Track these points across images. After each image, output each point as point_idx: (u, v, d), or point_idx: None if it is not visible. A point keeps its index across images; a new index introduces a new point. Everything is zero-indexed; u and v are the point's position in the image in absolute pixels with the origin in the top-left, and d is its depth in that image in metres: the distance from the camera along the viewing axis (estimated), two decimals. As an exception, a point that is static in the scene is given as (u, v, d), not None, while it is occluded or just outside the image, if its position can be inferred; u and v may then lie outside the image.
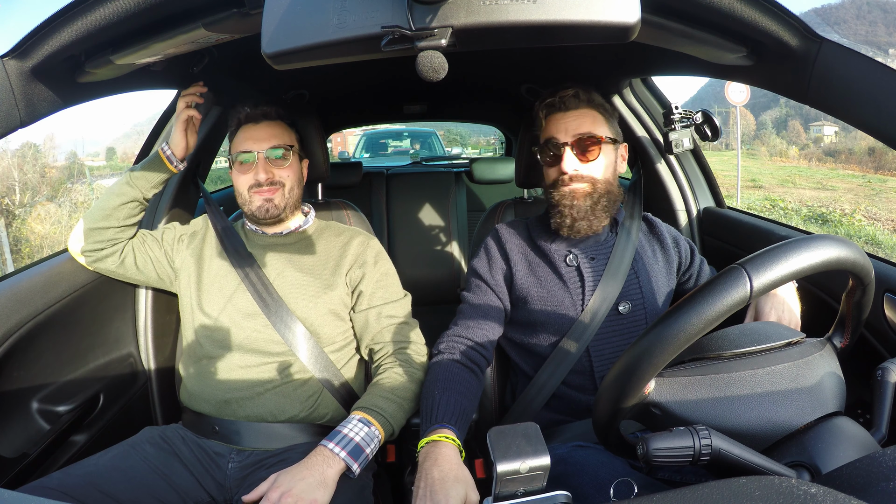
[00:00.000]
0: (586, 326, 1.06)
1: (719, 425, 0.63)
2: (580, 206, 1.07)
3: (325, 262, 1.21)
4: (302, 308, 1.14)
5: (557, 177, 1.10)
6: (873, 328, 0.99)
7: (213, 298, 1.15)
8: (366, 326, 1.18)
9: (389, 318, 1.17)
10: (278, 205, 1.18)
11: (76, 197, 9.87)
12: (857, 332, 0.74)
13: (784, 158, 23.09)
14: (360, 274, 1.20)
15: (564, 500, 0.58)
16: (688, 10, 0.80)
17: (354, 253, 1.22)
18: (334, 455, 0.92)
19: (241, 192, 1.19)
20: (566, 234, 1.10)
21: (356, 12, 0.57)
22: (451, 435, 0.87)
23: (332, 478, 0.90)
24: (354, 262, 1.21)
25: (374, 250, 1.25)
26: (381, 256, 1.25)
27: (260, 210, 1.17)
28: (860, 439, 0.62)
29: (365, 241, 1.26)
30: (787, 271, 0.56)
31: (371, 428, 0.98)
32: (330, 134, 3.17)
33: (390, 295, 1.21)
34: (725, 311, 0.55)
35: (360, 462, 0.94)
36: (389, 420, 1.02)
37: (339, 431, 0.96)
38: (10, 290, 1.04)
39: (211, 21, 0.81)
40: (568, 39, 0.59)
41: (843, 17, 75.44)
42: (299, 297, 1.15)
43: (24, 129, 0.85)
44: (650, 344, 0.58)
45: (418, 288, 2.75)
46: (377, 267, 1.22)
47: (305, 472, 0.89)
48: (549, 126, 1.12)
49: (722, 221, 1.52)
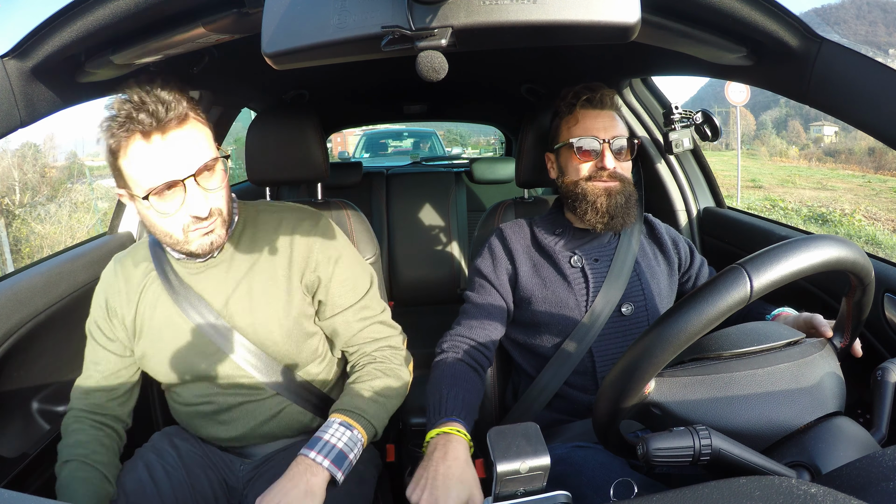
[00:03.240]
0: (589, 327, 1.06)
1: (719, 425, 0.63)
2: (617, 203, 1.08)
3: (272, 273, 1.01)
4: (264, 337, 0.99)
5: (593, 172, 1.10)
6: (873, 328, 0.99)
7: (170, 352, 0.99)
8: (335, 334, 1.07)
9: (361, 321, 1.05)
10: (221, 235, 0.93)
11: (76, 197, 9.88)
12: (856, 332, 0.74)
13: (784, 158, 23.10)
14: (314, 279, 1.02)
15: (564, 500, 0.58)
16: (688, 10, 0.80)
17: (302, 254, 1.02)
18: (317, 465, 0.87)
19: (170, 233, 0.89)
20: (601, 230, 1.10)
21: (356, 12, 0.57)
22: (461, 428, 0.88)
23: (318, 486, 0.85)
24: (305, 265, 1.02)
25: (320, 243, 1.03)
26: (331, 247, 1.04)
27: (202, 248, 0.91)
28: (860, 439, 0.62)
29: (309, 229, 1.04)
30: (788, 271, 0.55)
31: (353, 432, 0.92)
32: (330, 134, 3.17)
33: (355, 292, 1.05)
34: (726, 310, 0.55)
35: (343, 469, 0.89)
36: (371, 422, 0.96)
37: (319, 438, 0.90)
38: (10, 290, 1.04)
39: (211, 21, 0.81)
40: (568, 39, 0.59)
41: (843, 17, 75.45)
42: (257, 325, 0.99)
43: (25, 129, 0.85)
44: (651, 344, 0.58)
45: (418, 288, 2.77)
46: (332, 264, 1.04)
47: (289, 484, 0.84)
48: (586, 121, 1.11)
49: (722, 221, 1.52)
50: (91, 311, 1.04)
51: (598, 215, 1.08)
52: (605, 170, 1.08)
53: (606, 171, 1.08)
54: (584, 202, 1.10)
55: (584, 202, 1.10)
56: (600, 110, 1.12)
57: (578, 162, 1.11)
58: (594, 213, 1.09)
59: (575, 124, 1.12)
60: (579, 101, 1.13)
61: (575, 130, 1.12)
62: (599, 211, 1.08)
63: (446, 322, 1.17)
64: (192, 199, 0.86)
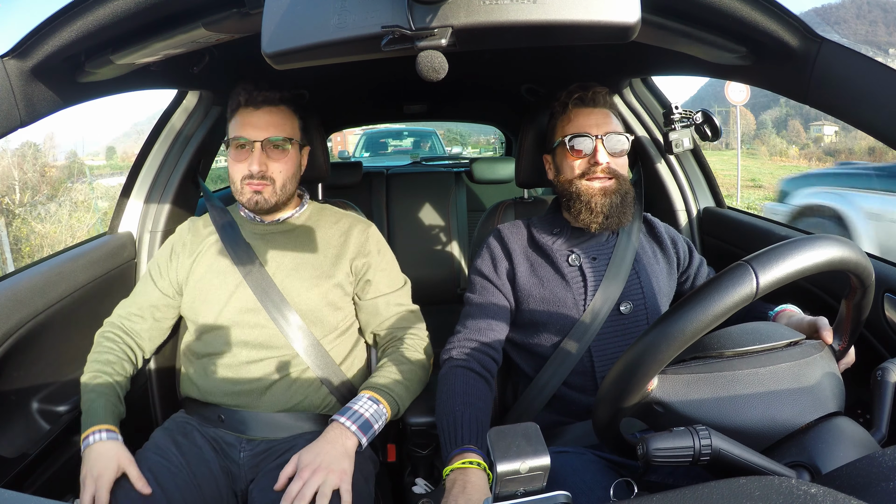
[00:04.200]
0: (588, 327, 1.06)
1: (723, 423, 0.63)
2: (612, 202, 1.08)
3: (324, 250, 1.20)
4: (300, 298, 1.14)
5: (586, 169, 1.10)
6: (873, 328, 0.99)
7: (214, 296, 1.15)
8: (375, 314, 1.21)
9: (398, 306, 1.22)
10: (268, 199, 1.15)
11: (76, 196, 9.88)
12: (855, 335, 0.74)
13: (784, 158, 23.13)
14: (364, 263, 1.21)
15: (564, 500, 0.58)
16: (688, 10, 0.80)
17: (357, 242, 1.22)
18: (346, 429, 0.98)
19: (234, 180, 1.16)
20: (596, 230, 1.10)
21: (356, 12, 0.57)
22: (477, 458, 0.87)
23: (351, 449, 0.96)
24: (359, 251, 1.21)
25: (375, 238, 1.26)
26: (383, 244, 1.27)
27: (250, 202, 1.15)
28: (860, 439, 0.62)
29: (365, 228, 1.26)
30: (793, 269, 0.56)
31: (379, 406, 1.04)
32: (330, 134, 3.17)
33: (395, 283, 1.24)
34: (732, 307, 0.56)
35: (368, 437, 1.00)
36: (396, 400, 1.06)
37: (349, 408, 1.02)
38: (10, 290, 1.04)
39: (211, 21, 0.81)
40: (568, 39, 0.59)
41: (843, 17, 75.40)
42: (297, 287, 1.15)
43: (25, 129, 0.85)
44: (656, 338, 0.58)
45: (418, 288, 2.73)
46: (381, 255, 1.24)
47: (327, 446, 0.94)
48: (579, 119, 1.12)
49: (722, 221, 1.52)
50: (155, 255, 1.26)
51: (592, 215, 1.08)
52: (598, 165, 1.08)
53: (600, 167, 1.08)
54: (579, 202, 1.10)
55: (578, 202, 1.10)
56: (593, 108, 1.13)
57: (572, 159, 1.12)
58: (588, 213, 1.09)
59: (568, 123, 1.13)
60: (571, 100, 1.14)
61: (568, 129, 1.13)
62: (594, 211, 1.08)
63: (446, 322, 1.17)
64: (253, 158, 1.12)
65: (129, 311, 1.20)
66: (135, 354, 1.18)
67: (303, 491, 0.87)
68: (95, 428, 1.00)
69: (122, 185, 1.49)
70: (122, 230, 1.45)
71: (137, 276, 1.44)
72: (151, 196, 1.47)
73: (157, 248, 1.46)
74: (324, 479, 0.89)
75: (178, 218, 1.44)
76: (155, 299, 1.20)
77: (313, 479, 0.89)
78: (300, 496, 0.87)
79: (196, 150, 1.51)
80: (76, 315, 1.20)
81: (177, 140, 1.48)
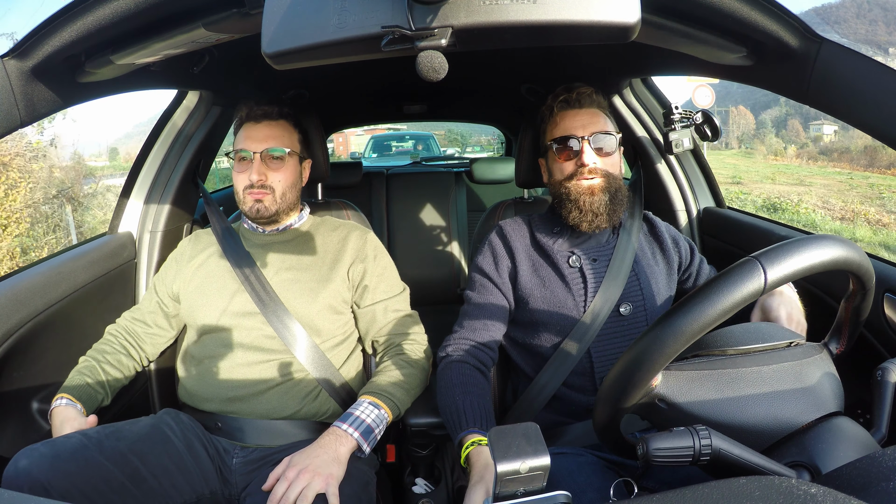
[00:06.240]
0: (588, 327, 1.06)
1: (726, 420, 0.64)
2: (600, 200, 1.08)
3: (322, 257, 1.23)
4: (299, 305, 1.15)
5: (574, 170, 1.10)
6: (873, 328, 0.99)
7: (214, 300, 1.16)
8: (373, 321, 1.22)
9: (395, 312, 1.22)
10: (268, 207, 1.19)
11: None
12: (853, 337, 0.74)
13: (780, 157, 23.22)
14: (361, 269, 1.22)
15: (564, 500, 0.58)
16: (688, 10, 0.80)
17: (354, 248, 1.24)
18: (347, 434, 0.98)
19: (238, 190, 1.21)
20: (586, 229, 1.10)
21: (356, 12, 0.57)
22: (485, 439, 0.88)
23: (344, 455, 0.96)
24: (356, 257, 1.23)
25: (372, 244, 1.27)
26: (380, 250, 1.29)
27: (251, 210, 1.20)
28: (860, 439, 0.62)
29: (362, 234, 1.28)
30: (801, 266, 0.56)
31: (380, 410, 1.04)
32: (330, 134, 3.17)
33: (393, 289, 1.25)
34: (740, 301, 0.56)
35: (369, 442, 1.01)
36: (397, 403, 1.07)
37: (350, 413, 1.02)
38: (10, 290, 1.04)
39: (211, 21, 0.81)
40: (568, 39, 0.59)
41: (843, 17, 75.38)
42: (297, 294, 1.16)
43: (28, 128, 0.85)
44: (663, 331, 0.58)
45: (418, 288, 2.74)
46: (378, 261, 1.25)
47: (319, 450, 0.94)
48: (564, 121, 1.13)
49: (722, 221, 1.52)
50: (160, 270, 1.30)
51: (581, 214, 1.09)
52: (585, 166, 1.08)
53: (587, 168, 1.08)
54: (569, 202, 1.10)
55: (568, 202, 1.10)
56: (578, 109, 1.13)
57: (560, 162, 1.13)
58: (577, 212, 1.09)
59: (555, 126, 1.14)
60: (557, 103, 1.14)
61: (555, 132, 1.14)
62: (583, 210, 1.08)
63: (446, 322, 1.17)
64: (253, 168, 1.17)
65: (132, 316, 1.25)
66: (135, 351, 1.21)
67: (287, 493, 0.87)
68: (58, 396, 1.05)
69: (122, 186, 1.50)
70: (121, 230, 1.45)
71: (137, 276, 1.45)
72: (151, 196, 1.47)
73: (157, 248, 1.46)
74: (308, 482, 0.88)
75: (177, 218, 1.44)
76: (154, 306, 1.25)
77: (298, 480, 0.88)
78: (284, 498, 0.87)
79: (196, 150, 1.51)
80: (76, 315, 1.20)
81: (177, 140, 1.48)
